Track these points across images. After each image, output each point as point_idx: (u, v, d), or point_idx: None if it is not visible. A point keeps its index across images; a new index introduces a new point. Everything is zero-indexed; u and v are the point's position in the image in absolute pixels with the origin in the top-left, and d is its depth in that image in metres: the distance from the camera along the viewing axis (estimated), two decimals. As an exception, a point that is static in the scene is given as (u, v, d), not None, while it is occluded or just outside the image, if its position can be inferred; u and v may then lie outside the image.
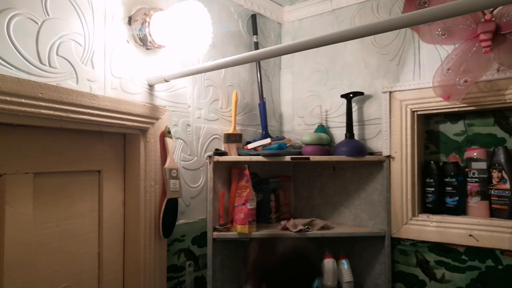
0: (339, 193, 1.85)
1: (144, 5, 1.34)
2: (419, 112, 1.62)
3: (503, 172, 1.44)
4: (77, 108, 1.12)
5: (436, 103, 1.54)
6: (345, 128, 1.75)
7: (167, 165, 1.39)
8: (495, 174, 1.46)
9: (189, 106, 1.54)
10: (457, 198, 1.55)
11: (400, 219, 1.63)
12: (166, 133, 1.40)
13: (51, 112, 1.06)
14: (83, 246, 1.27)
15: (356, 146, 1.68)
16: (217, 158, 1.59)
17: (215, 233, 1.59)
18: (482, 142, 1.55)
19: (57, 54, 1.09)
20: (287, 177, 1.98)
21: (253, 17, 1.86)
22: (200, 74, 1.58)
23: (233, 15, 1.78)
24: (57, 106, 1.07)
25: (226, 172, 1.69)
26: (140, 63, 1.34)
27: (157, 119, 1.38)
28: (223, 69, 1.70)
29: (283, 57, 2.05)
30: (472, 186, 1.52)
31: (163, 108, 1.41)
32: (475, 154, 1.52)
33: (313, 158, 1.65)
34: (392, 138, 1.67)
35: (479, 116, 1.56)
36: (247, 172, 1.64)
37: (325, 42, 0.96)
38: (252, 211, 1.60)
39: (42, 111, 1.04)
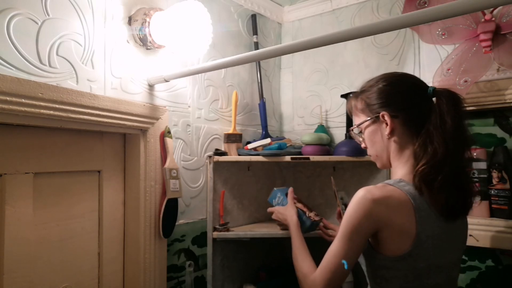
0: (339, 193, 1.85)
1: (144, 5, 1.34)
2: (419, 112, 1.61)
3: (503, 172, 1.44)
4: (77, 108, 1.12)
5: (436, 103, 1.54)
6: (345, 128, 1.75)
7: (167, 165, 1.39)
8: (495, 174, 1.46)
9: (189, 106, 1.54)
10: (457, 198, 1.55)
11: (400, 219, 1.63)
12: (166, 133, 1.40)
13: (51, 112, 1.06)
14: (83, 246, 1.27)
15: (356, 146, 1.67)
16: (217, 158, 1.59)
17: (215, 233, 1.59)
18: (482, 142, 1.55)
19: (57, 54, 1.09)
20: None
21: (253, 17, 1.86)
22: (200, 74, 1.58)
23: (233, 15, 1.78)
24: (57, 106, 1.07)
25: (226, 172, 1.70)
26: (140, 63, 1.34)
27: (157, 119, 1.38)
28: (223, 69, 1.70)
29: (283, 57, 2.05)
30: (472, 186, 1.52)
31: (163, 108, 1.41)
32: (475, 154, 1.52)
33: (313, 158, 1.65)
34: (392, 138, 1.66)
35: (479, 116, 1.55)
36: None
37: (325, 42, 0.96)
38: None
39: (42, 111, 1.04)
